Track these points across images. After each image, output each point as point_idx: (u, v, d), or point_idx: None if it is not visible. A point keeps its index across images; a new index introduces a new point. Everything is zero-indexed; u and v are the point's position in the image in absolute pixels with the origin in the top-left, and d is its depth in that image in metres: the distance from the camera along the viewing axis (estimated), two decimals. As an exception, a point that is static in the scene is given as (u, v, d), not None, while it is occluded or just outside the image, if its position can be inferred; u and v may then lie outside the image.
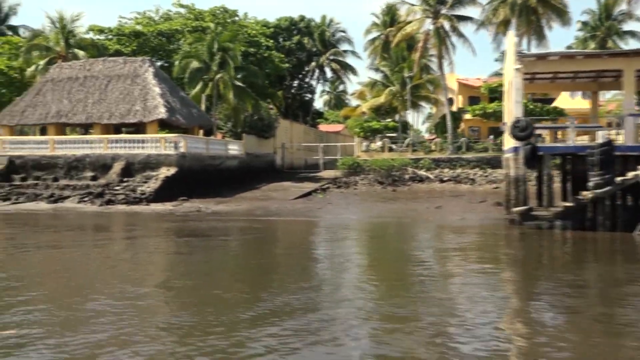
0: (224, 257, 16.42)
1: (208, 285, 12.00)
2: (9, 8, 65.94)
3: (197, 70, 43.15)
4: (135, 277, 13.08)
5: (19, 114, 37.35)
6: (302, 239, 21.08)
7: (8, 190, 33.08)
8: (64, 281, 12.58)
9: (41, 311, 9.57)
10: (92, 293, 10.98)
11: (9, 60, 45.27)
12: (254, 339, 8.08)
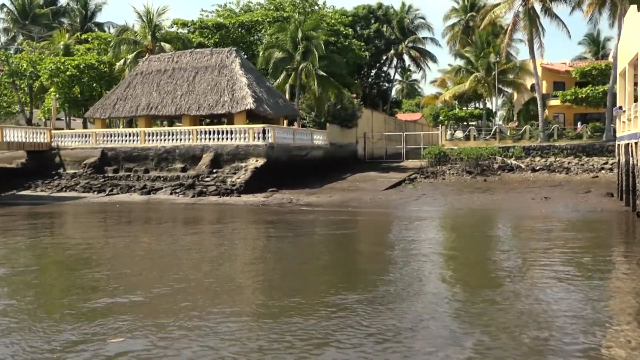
0: (331, 252, 15.07)
1: (311, 278, 10.63)
2: (95, 6, 67.46)
3: (280, 60, 42.16)
4: (255, 274, 11.90)
5: (110, 107, 37.30)
6: (408, 232, 19.45)
7: (102, 182, 33.03)
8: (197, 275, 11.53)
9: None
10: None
11: (98, 55, 45.60)
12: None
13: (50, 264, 13.87)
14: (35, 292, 10.56)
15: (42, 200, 30.51)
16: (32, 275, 12.11)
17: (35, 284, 11.35)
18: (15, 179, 34.64)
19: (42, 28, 59.44)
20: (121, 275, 12.04)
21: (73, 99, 44.52)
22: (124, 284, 11.00)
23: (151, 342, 7.42)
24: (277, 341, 7.43)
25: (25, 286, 10.97)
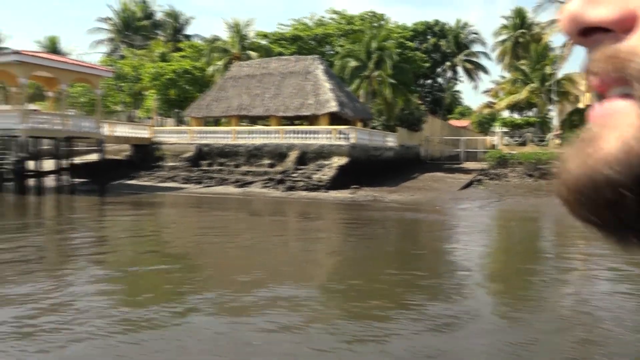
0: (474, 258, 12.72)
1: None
2: (185, 20, 66.45)
3: (355, 69, 39.90)
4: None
5: (205, 108, 35.75)
6: (534, 234, 16.90)
7: (199, 174, 31.43)
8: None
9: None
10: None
11: (192, 61, 44.24)
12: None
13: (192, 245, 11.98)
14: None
15: (146, 189, 29.06)
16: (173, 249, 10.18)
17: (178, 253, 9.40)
18: (122, 170, 33.46)
19: (142, 38, 58.76)
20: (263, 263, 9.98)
21: (169, 100, 43.27)
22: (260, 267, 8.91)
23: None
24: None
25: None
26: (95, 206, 23.03)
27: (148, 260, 11.41)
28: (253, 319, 7.19)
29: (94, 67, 31.71)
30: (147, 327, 6.78)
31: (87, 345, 6.10)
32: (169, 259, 11.51)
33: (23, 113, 25.99)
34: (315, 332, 6.73)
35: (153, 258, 11.66)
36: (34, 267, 10.46)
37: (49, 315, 7.25)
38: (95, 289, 8.78)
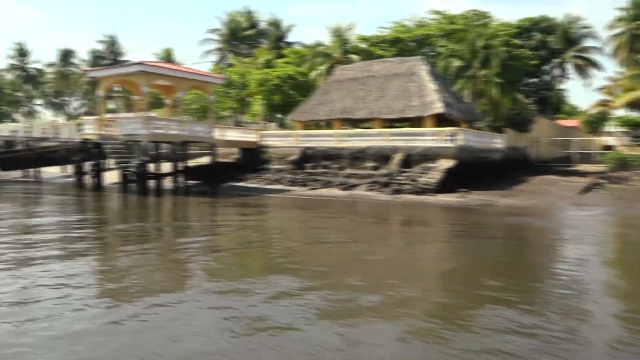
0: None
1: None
2: (286, 28, 67.36)
3: (459, 69, 38.02)
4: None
5: (309, 111, 35.63)
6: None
7: (303, 177, 31.26)
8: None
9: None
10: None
11: (295, 67, 44.51)
12: None
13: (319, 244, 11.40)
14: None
15: (255, 191, 29.34)
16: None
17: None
18: (231, 172, 34.18)
19: (247, 46, 60.37)
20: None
21: (273, 105, 43.80)
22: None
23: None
24: None
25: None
26: (211, 207, 23.41)
27: (267, 265, 10.98)
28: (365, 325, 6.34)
29: (208, 75, 32.65)
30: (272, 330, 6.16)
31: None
32: (285, 263, 10.99)
33: (145, 119, 27.15)
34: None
35: (272, 263, 11.20)
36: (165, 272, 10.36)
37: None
38: (211, 300, 8.37)
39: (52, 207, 22.05)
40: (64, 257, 11.14)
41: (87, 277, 9.78)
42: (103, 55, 73.10)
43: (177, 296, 8.31)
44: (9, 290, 8.39)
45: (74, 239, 13.89)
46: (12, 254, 11.41)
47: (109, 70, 28.90)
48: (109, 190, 28.60)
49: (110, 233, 15.34)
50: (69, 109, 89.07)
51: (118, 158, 27.54)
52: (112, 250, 12.70)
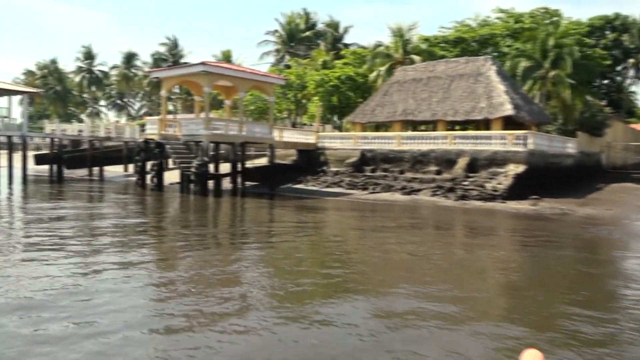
0: None
1: None
2: (344, 29, 66.73)
3: (527, 69, 36.10)
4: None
5: (369, 113, 34.75)
6: None
7: (364, 180, 30.40)
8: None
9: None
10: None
11: (354, 68, 43.74)
12: None
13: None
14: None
15: (314, 193, 28.76)
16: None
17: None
18: (289, 174, 33.76)
19: (305, 48, 60.19)
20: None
21: (331, 106, 43.19)
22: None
23: None
24: None
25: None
26: (271, 211, 22.99)
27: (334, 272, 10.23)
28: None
29: (268, 76, 32.41)
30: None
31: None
32: (353, 280, 10.19)
33: (206, 120, 27.10)
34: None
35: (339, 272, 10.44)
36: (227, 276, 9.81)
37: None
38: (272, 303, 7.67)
39: (114, 209, 22.19)
40: (122, 265, 10.76)
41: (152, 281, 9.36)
42: (164, 57, 74.94)
43: (241, 321, 7.53)
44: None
45: (134, 246, 13.64)
46: (77, 259, 11.20)
47: (172, 70, 29.13)
48: (169, 190, 28.75)
49: (170, 238, 15.04)
50: (131, 110, 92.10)
51: (179, 158, 27.61)
52: (170, 258, 12.31)
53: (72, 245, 12.20)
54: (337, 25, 65.43)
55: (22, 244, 12.56)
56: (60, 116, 73.31)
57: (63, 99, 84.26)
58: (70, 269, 9.63)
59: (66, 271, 9.46)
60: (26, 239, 13.31)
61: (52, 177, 36.50)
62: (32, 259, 10.50)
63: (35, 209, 20.13)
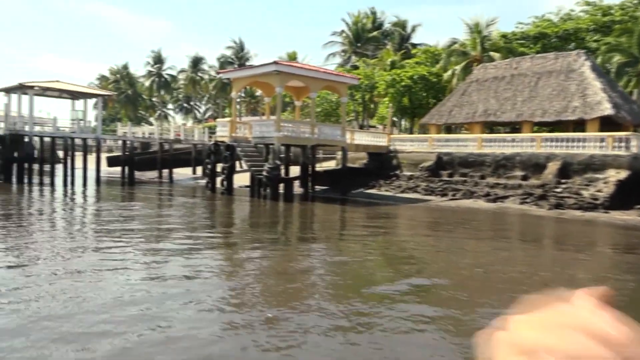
0: None
1: None
2: (411, 28, 64.61)
3: (623, 65, 32.96)
4: None
5: (446, 114, 32.76)
6: None
7: (441, 185, 28.50)
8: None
9: None
10: None
11: (426, 67, 41.75)
12: None
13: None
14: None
15: (388, 199, 27.20)
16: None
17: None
18: (360, 178, 32.34)
19: (373, 48, 58.70)
20: None
21: (402, 107, 41.39)
22: None
23: None
24: None
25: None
26: (352, 217, 21.64)
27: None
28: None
29: (341, 75, 31.15)
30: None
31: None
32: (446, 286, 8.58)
33: (277, 122, 26.16)
34: None
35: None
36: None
37: None
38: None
39: (185, 215, 21.54)
40: (190, 277, 9.68)
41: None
42: (230, 60, 75.46)
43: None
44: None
45: (204, 255, 12.62)
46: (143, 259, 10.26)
47: (242, 71, 28.47)
48: (239, 194, 28.06)
49: (244, 250, 13.96)
50: (197, 113, 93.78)
51: (249, 161, 26.84)
52: (240, 272, 11.16)
53: (144, 251, 11.34)
54: (405, 25, 63.43)
55: (101, 249, 11.85)
56: (131, 119, 75.40)
57: (133, 103, 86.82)
58: (141, 278, 8.67)
59: (139, 280, 8.50)
60: (108, 245, 12.63)
61: (123, 179, 36.87)
62: (114, 268, 9.65)
63: (111, 212, 19.79)
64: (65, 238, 13.66)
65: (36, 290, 8.15)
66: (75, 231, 15.25)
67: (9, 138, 31.81)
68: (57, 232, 14.92)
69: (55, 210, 20.89)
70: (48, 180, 33.53)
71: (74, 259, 10.69)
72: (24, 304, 7.36)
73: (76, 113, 37.84)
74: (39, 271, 9.46)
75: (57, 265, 9.99)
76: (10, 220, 16.59)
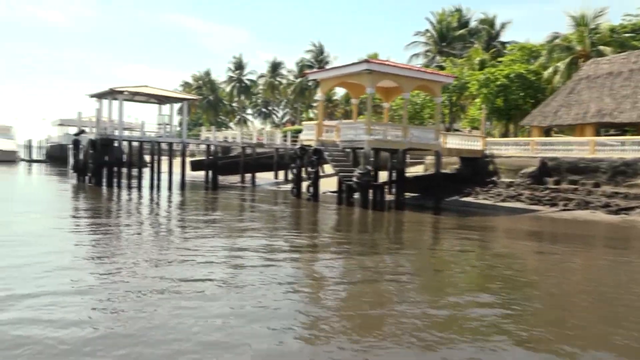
0: None
1: None
2: (500, 26, 60.94)
3: None
4: None
5: (551, 115, 29.72)
6: None
7: (548, 194, 25.61)
8: None
9: None
10: None
11: (523, 65, 38.54)
12: None
13: None
14: None
15: (488, 208, 24.78)
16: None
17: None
18: (452, 185, 29.99)
19: (460, 47, 55.82)
20: None
21: (495, 108, 38.41)
22: None
23: None
24: None
25: None
26: (462, 232, 19.56)
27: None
28: None
29: (437, 74, 29.00)
30: None
31: None
32: None
33: (368, 124, 24.52)
34: None
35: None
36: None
37: None
38: None
39: (275, 224, 20.35)
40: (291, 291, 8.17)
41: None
42: (309, 64, 74.95)
43: None
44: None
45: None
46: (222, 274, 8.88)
47: (331, 71, 27.07)
48: (324, 200, 26.67)
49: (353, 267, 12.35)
50: (275, 117, 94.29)
51: (337, 165, 25.37)
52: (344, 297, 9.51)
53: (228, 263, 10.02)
54: (493, 22, 59.86)
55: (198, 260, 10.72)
56: (212, 124, 76.76)
57: (215, 108, 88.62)
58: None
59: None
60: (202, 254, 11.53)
61: (207, 183, 36.70)
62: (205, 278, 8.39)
63: (199, 219, 18.99)
64: (163, 246, 12.72)
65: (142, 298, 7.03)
66: (171, 239, 14.37)
67: (99, 142, 32.37)
68: (157, 239, 14.09)
69: (151, 214, 20.42)
70: (135, 184, 33.88)
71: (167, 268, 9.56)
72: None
73: (163, 117, 38.20)
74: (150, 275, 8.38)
75: (164, 273, 8.88)
76: (103, 229, 16.06)
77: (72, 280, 8.88)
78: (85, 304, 7.61)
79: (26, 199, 24.16)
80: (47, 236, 13.88)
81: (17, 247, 11.81)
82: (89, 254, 11.60)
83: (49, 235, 13.98)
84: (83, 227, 16.11)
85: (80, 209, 21.77)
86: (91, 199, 25.42)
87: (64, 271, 9.63)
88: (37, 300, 7.67)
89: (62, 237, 13.87)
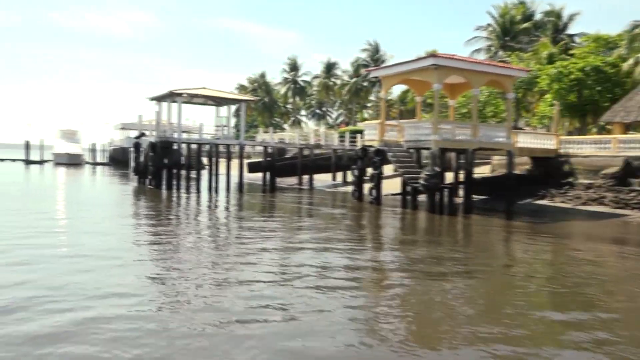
0: None
1: None
2: (568, 17, 57.35)
3: None
4: None
5: (636, 110, 27.15)
6: None
7: (635, 196, 23.20)
8: None
9: None
10: None
11: (598, 57, 35.72)
12: None
13: None
14: None
15: (569, 213, 22.70)
16: None
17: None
18: (523, 187, 27.91)
19: (526, 40, 52.95)
20: None
21: (568, 104, 35.77)
22: None
23: None
24: None
25: None
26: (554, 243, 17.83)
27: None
28: None
29: (509, 67, 27.04)
30: None
31: None
32: None
33: (435, 123, 23.00)
34: None
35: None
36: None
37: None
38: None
39: (347, 235, 19.26)
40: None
41: None
42: (365, 63, 73.57)
43: None
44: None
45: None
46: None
47: (394, 67, 25.69)
48: (387, 203, 25.35)
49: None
50: (329, 118, 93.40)
51: (402, 167, 23.99)
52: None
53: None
54: (560, 14, 56.41)
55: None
56: (267, 126, 76.77)
57: (269, 109, 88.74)
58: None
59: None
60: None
61: (264, 185, 36.15)
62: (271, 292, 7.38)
63: (260, 225, 18.19)
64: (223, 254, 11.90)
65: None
66: (229, 247, 13.57)
67: (159, 145, 32.36)
68: (218, 252, 13.33)
69: (211, 220, 19.83)
70: (194, 187, 33.73)
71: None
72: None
73: (220, 119, 37.97)
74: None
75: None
76: (164, 236, 15.52)
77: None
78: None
79: (93, 202, 24.27)
80: (118, 249, 13.39)
81: (83, 260, 11.28)
82: (157, 273, 10.91)
83: (120, 249, 13.48)
84: (155, 237, 15.61)
85: (142, 215, 21.50)
86: (151, 203, 25.24)
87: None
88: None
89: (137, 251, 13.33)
